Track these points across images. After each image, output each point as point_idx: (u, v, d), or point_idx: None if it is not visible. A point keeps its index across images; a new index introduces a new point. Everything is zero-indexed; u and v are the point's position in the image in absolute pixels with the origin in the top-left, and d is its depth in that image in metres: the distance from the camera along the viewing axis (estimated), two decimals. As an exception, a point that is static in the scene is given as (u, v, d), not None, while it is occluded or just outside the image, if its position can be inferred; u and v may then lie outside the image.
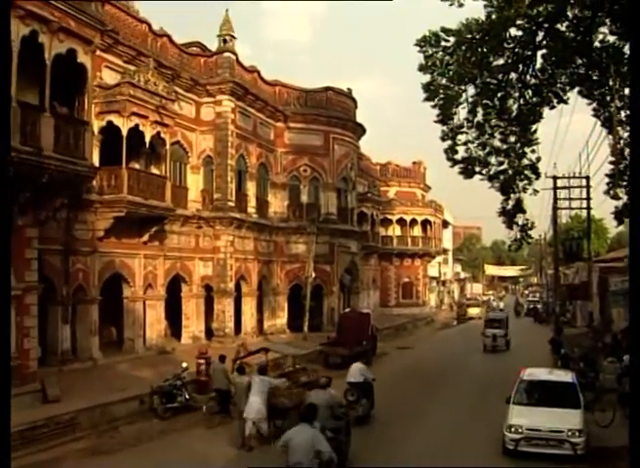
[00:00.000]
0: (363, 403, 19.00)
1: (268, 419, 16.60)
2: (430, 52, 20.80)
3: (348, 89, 44.35)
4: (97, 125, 24.58)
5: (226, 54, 34.32)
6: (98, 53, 22.60)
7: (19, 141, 16.57)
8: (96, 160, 23.34)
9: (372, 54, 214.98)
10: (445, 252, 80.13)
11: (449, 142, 23.05)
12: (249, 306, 36.69)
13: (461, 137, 23.08)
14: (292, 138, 40.56)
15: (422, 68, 21.22)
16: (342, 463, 13.95)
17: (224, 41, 34.75)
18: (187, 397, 20.49)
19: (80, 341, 25.34)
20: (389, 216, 62.35)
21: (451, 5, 18.92)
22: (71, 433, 17.30)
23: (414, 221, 64.73)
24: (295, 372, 20.96)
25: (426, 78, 21.53)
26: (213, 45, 35.76)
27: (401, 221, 63.90)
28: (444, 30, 20.28)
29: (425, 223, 66.05)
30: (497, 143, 23.33)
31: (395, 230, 63.94)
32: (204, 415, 19.74)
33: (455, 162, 23.36)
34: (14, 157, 16.23)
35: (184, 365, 21.51)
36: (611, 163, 22.99)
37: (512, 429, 15.24)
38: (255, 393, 16.26)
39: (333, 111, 42.09)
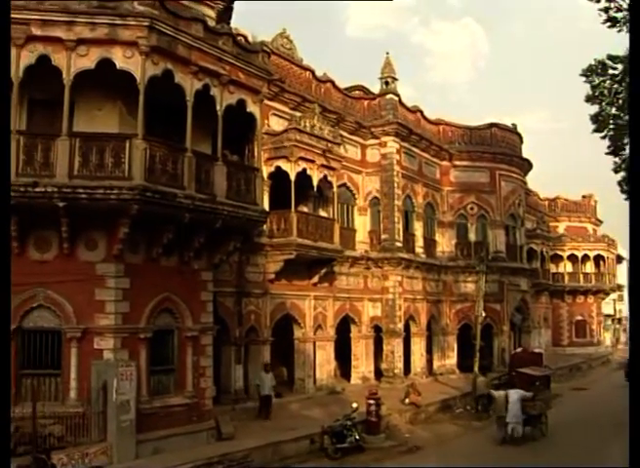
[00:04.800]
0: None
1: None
2: (597, 81, 20.03)
3: (513, 124, 43.57)
4: (266, 170, 25.27)
5: (389, 95, 34.77)
6: (265, 101, 23.30)
7: (194, 189, 17.31)
8: (266, 204, 23.96)
9: (536, 88, 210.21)
10: (620, 288, 76.21)
11: (622, 174, 22.10)
12: (418, 346, 36.37)
13: None
14: (458, 176, 40.24)
15: (590, 99, 20.47)
16: None
17: (386, 83, 35.26)
18: (357, 437, 20.49)
19: (252, 381, 25.94)
20: (560, 253, 60.34)
21: (619, 31, 18.35)
22: (245, 471, 17.69)
23: (586, 257, 62.08)
24: (537, 388, 25.21)
25: (594, 109, 20.81)
26: (375, 87, 36.38)
27: (572, 257, 61.52)
28: (611, 58, 19.51)
29: (598, 259, 63.23)
30: None
31: (566, 266, 61.66)
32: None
33: None
34: (189, 204, 17.06)
35: (355, 405, 21.60)
36: None
37: None
38: (512, 402, 21.62)
39: (498, 147, 41.39)
